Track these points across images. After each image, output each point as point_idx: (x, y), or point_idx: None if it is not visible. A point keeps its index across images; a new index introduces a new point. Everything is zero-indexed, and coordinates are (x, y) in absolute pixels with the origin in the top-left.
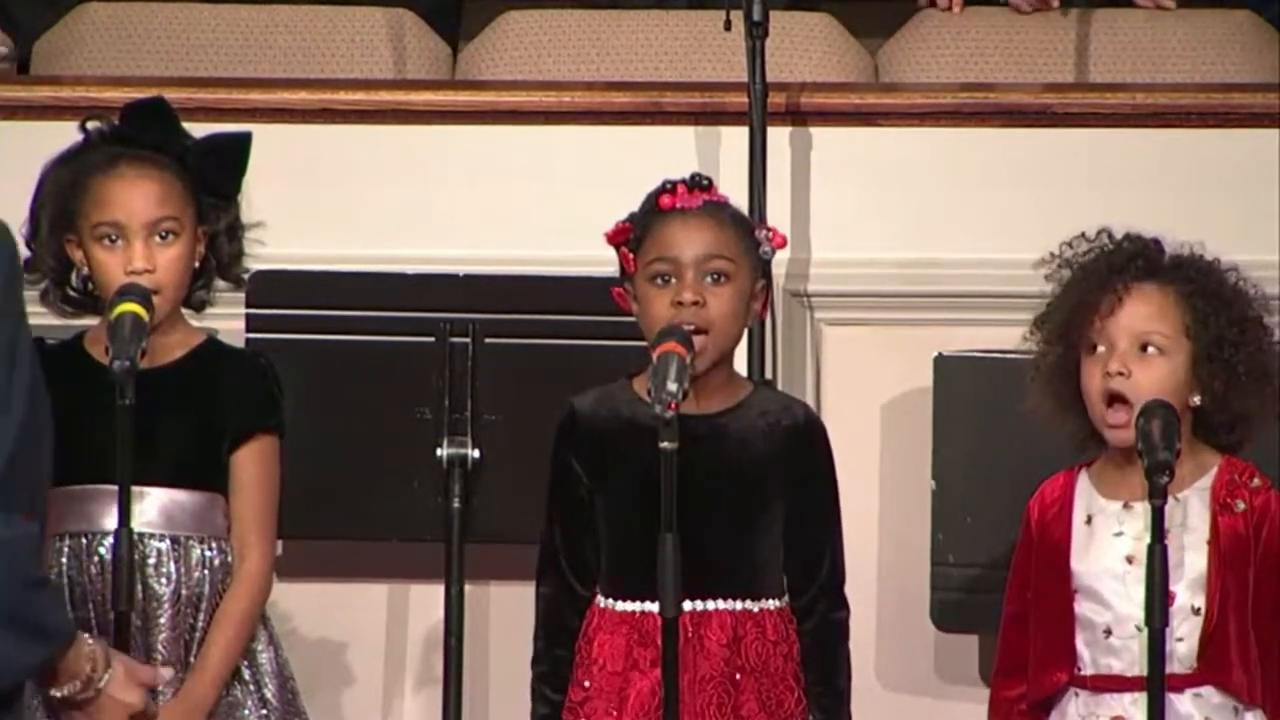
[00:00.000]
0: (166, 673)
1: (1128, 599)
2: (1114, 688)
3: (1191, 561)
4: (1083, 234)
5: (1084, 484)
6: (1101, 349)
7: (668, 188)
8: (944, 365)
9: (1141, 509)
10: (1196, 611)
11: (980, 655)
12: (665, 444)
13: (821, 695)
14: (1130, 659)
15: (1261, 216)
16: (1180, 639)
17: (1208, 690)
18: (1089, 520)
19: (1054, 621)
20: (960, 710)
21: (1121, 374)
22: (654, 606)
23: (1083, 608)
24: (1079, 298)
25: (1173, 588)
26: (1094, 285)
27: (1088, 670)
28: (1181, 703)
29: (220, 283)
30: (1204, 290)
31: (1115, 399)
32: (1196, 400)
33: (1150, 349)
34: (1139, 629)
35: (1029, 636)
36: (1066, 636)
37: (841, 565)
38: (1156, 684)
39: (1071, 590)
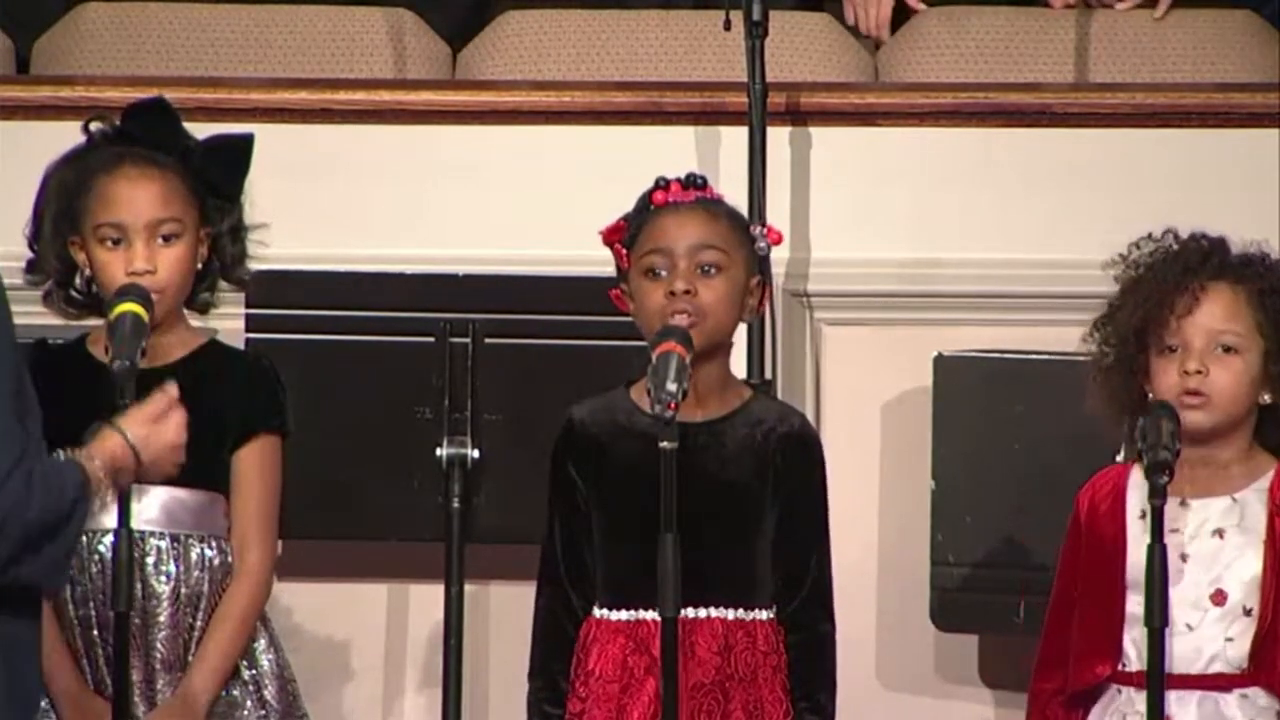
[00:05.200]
0: (172, 388)
1: (1180, 596)
2: None
3: (1247, 562)
4: (1149, 234)
5: (1138, 479)
6: (1177, 349)
7: (661, 185)
8: (944, 365)
9: (1198, 506)
10: (1248, 612)
11: (980, 655)
12: (664, 443)
13: (806, 710)
14: (1178, 656)
15: (1261, 216)
16: (1230, 639)
17: (1254, 692)
18: (1143, 515)
19: (1100, 614)
20: (960, 710)
21: (1200, 372)
22: (649, 615)
23: (1133, 603)
24: (1153, 298)
25: (1226, 588)
26: (1169, 285)
27: (1134, 666)
28: (1227, 703)
29: (223, 284)
30: (1275, 289)
31: (1191, 394)
32: (1266, 398)
33: (1226, 348)
34: (1189, 627)
35: (1073, 630)
36: (1113, 630)
37: (828, 579)
38: (1156, 683)
39: (1123, 584)
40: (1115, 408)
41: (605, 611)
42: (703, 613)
